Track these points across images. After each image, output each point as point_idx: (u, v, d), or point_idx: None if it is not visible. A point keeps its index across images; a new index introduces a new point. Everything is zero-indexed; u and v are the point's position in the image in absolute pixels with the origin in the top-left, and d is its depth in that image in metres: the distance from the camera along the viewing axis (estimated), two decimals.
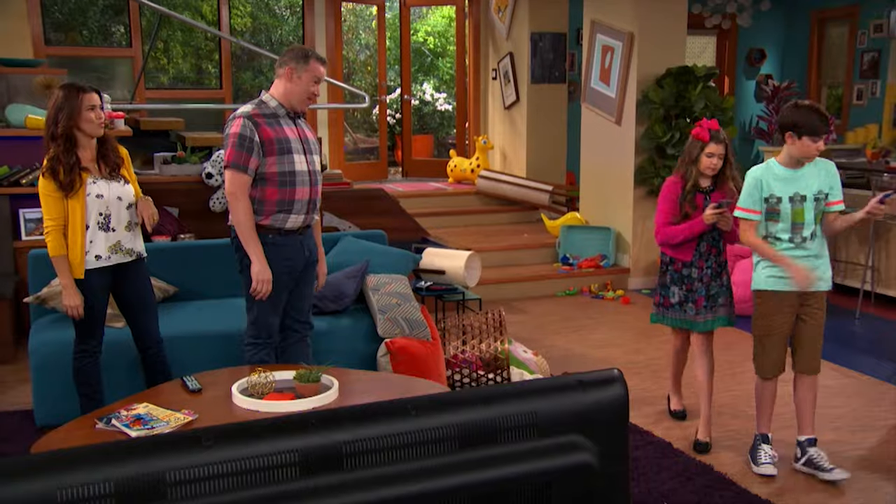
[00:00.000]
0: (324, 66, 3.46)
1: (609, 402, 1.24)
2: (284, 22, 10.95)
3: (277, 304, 3.53)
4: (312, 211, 3.54)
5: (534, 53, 8.45)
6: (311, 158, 3.50)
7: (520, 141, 8.67)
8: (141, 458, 1.06)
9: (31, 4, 7.59)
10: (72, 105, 3.33)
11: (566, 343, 5.31)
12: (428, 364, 3.92)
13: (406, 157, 9.83)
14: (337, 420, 1.16)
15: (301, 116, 3.54)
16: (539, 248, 7.12)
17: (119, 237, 3.47)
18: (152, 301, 3.69)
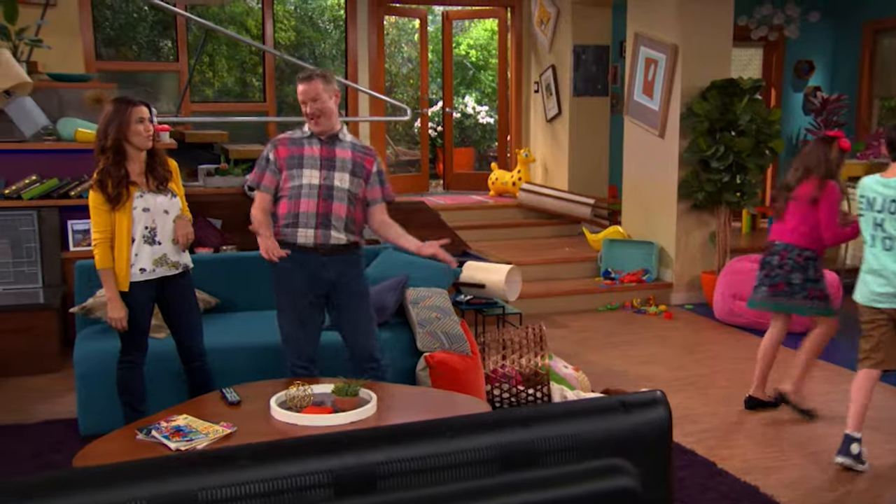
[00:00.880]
0: (303, 84, 3.47)
1: (652, 424, 1.20)
2: (328, 36, 11.06)
3: (303, 320, 3.56)
4: (326, 227, 3.48)
5: (576, 66, 8.41)
6: (329, 174, 3.48)
7: (562, 154, 8.62)
8: (175, 476, 1.05)
9: (83, 21, 7.77)
10: (121, 118, 3.38)
11: (607, 359, 5.23)
12: (467, 378, 3.88)
13: (447, 169, 9.83)
14: (371, 440, 1.14)
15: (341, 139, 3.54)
16: (580, 262, 7.05)
17: (165, 250, 3.49)
18: (197, 314, 3.71)
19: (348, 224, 3.51)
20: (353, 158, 3.53)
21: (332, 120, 3.51)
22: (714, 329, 5.99)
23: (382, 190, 3.62)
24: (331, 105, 3.49)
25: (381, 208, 3.64)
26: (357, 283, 3.60)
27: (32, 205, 5.17)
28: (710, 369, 5.03)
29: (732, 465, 3.63)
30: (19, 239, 5.21)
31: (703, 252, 6.75)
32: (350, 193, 3.50)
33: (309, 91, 3.46)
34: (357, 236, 3.59)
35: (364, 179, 3.55)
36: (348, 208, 3.50)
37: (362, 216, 3.61)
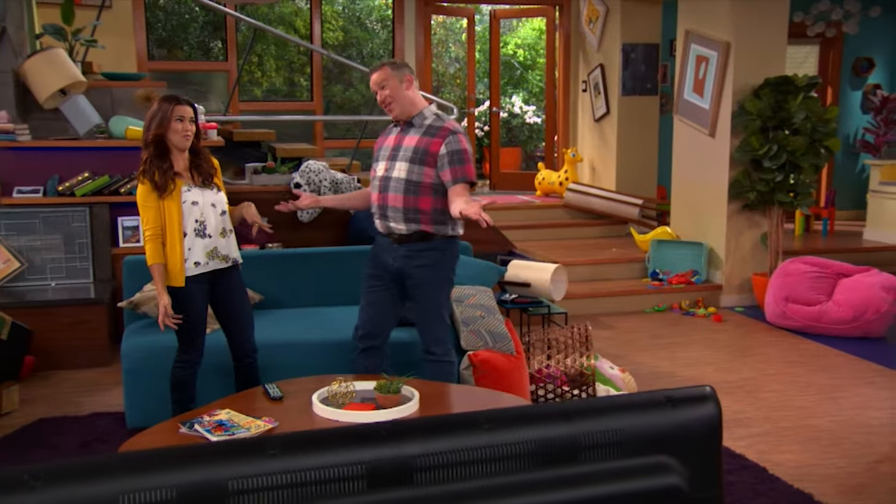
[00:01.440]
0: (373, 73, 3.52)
1: (700, 421, 1.14)
2: (375, 36, 11.09)
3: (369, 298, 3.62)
4: (385, 218, 3.49)
5: (625, 65, 8.29)
6: (391, 165, 3.47)
7: (609, 154, 8.51)
8: (206, 464, 1.02)
9: (136, 23, 7.92)
10: (163, 114, 3.41)
11: (655, 360, 5.13)
12: (511, 378, 3.83)
13: (494, 169, 9.78)
14: (408, 432, 1.11)
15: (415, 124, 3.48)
16: (628, 263, 6.94)
17: (215, 243, 3.50)
18: (249, 309, 3.71)
19: (409, 214, 3.45)
20: (418, 145, 3.43)
21: (404, 105, 3.47)
22: (765, 332, 5.84)
23: (451, 171, 3.39)
24: (402, 91, 3.45)
25: (455, 191, 3.39)
26: (421, 273, 3.50)
27: (85, 201, 5.26)
28: (761, 373, 4.90)
29: (785, 470, 3.52)
30: (72, 235, 5.31)
31: (754, 253, 6.60)
32: (408, 183, 3.42)
33: (377, 79, 3.47)
34: (427, 226, 3.45)
35: (431, 165, 3.41)
36: (406, 198, 3.43)
37: (437, 203, 3.44)
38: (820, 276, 5.78)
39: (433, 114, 3.51)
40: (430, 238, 3.48)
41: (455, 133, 3.42)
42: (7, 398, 4.18)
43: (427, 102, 3.55)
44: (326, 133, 9.24)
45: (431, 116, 3.50)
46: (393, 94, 3.45)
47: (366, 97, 10.36)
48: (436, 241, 3.49)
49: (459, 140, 3.42)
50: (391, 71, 3.47)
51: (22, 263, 5.21)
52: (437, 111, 3.54)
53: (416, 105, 3.50)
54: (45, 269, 5.30)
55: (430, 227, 3.47)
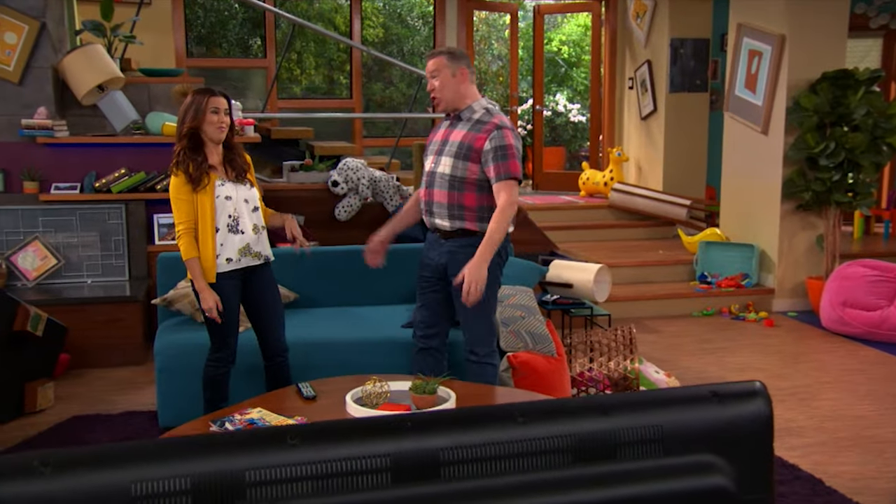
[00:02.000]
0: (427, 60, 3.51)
1: (749, 417, 1.08)
2: (416, 32, 11.10)
3: (421, 294, 3.62)
4: (430, 213, 3.49)
5: (673, 61, 8.17)
6: (438, 160, 3.46)
7: (656, 153, 8.39)
8: (221, 454, 1.00)
9: (175, 20, 8.02)
10: (198, 106, 3.42)
11: (702, 365, 5.03)
12: (552, 381, 3.78)
13: (537, 169, 9.71)
14: (436, 424, 1.07)
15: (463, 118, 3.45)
16: (675, 266, 6.83)
17: (248, 240, 3.50)
18: (280, 308, 3.71)
19: (453, 210, 3.42)
20: (463, 140, 3.40)
21: (451, 99, 3.43)
22: (820, 338, 5.69)
23: (495, 168, 3.34)
24: (452, 83, 3.41)
25: (498, 188, 3.35)
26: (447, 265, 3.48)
27: (121, 198, 5.33)
28: (816, 380, 4.77)
29: (841, 483, 3.41)
30: (108, 232, 5.38)
31: (808, 256, 6.44)
32: (453, 178, 3.39)
33: (430, 67, 3.45)
34: (471, 223, 3.42)
35: (475, 160, 3.37)
36: (450, 194, 3.41)
37: (482, 200, 3.41)
38: (881, 280, 5.61)
39: (483, 108, 3.45)
40: (474, 235, 3.44)
41: (501, 128, 3.36)
42: (42, 395, 4.23)
43: (480, 96, 3.49)
44: (365, 132, 9.27)
45: (481, 111, 3.44)
46: (441, 86, 3.41)
47: (406, 95, 10.37)
48: (480, 238, 3.41)
49: (505, 135, 3.36)
50: (446, 61, 3.42)
51: (59, 260, 5.29)
52: (488, 105, 3.47)
53: (465, 99, 3.44)
54: (82, 266, 5.37)
55: (475, 223, 3.43)
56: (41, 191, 5.27)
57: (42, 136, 5.18)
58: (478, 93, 3.50)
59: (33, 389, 4.19)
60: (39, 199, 5.25)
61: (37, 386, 4.21)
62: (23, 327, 4.09)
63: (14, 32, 5.26)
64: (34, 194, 5.25)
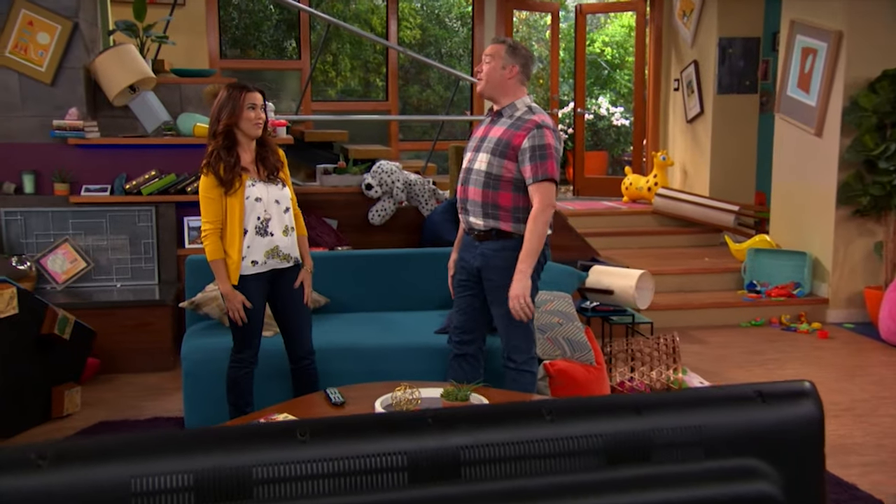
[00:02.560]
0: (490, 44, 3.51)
1: (798, 420, 1.02)
2: (454, 34, 11.10)
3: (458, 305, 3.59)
4: (465, 212, 3.47)
5: (721, 61, 8.05)
6: (475, 157, 3.44)
7: (703, 157, 8.26)
8: (227, 449, 0.96)
9: (209, 21, 8.11)
10: (234, 102, 3.40)
11: (750, 377, 4.91)
12: (590, 390, 3.71)
13: (578, 174, 9.63)
14: (457, 420, 1.02)
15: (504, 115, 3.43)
16: (722, 274, 6.71)
17: (277, 241, 3.48)
18: (307, 310, 3.70)
19: (487, 209, 3.38)
20: (502, 136, 3.36)
21: (491, 87, 3.41)
22: (879, 351, 5.53)
23: (532, 168, 3.29)
24: (499, 74, 3.38)
25: (534, 190, 3.31)
26: (498, 275, 3.41)
27: (151, 200, 5.37)
28: (874, 395, 4.63)
29: None
30: (137, 235, 5.43)
31: (866, 264, 6.27)
32: (487, 175, 3.36)
33: (488, 50, 3.45)
34: (506, 223, 3.38)
35: (512, 158, 3.33)
36: (484, 192, 3.37)
37: (518, 200, 3.37)
38: None
39: (526, 106, 3.42)
40: (509, 237, 3.40)
41: (542, 127, 3.32)
42: (69, 400, 4.27)
43: (524, 95, 3.46)
44: (401, 135, 9.27)
45: (523, 108, 3.41)
46: (488, 72, 3.41)
47: (443, 98, 10.36)
48: (515, 241, 3.38)
49: (545, 134, 3.31)
50: (504, 52, 3.41)
51: (88, 263, 5.35)
52: (531, 104, 3.44)
53: (506, 94, 3.42)
54: (111, 269, 5.42)
55: (509, 224, 3.39)
56: (71, 193, 5.34)
57: (73, 137, 5.25)
58: (524, 93, 3.47)
59: (60, 394, 4.23)
60: (70, 200, 5.31)
61: (64, 390, 4.24)
62: (50, 330, 4.13)
63: (47, 33, 5.34)
64: (65, 196, 5.32)
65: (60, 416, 4.23)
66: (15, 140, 5.34)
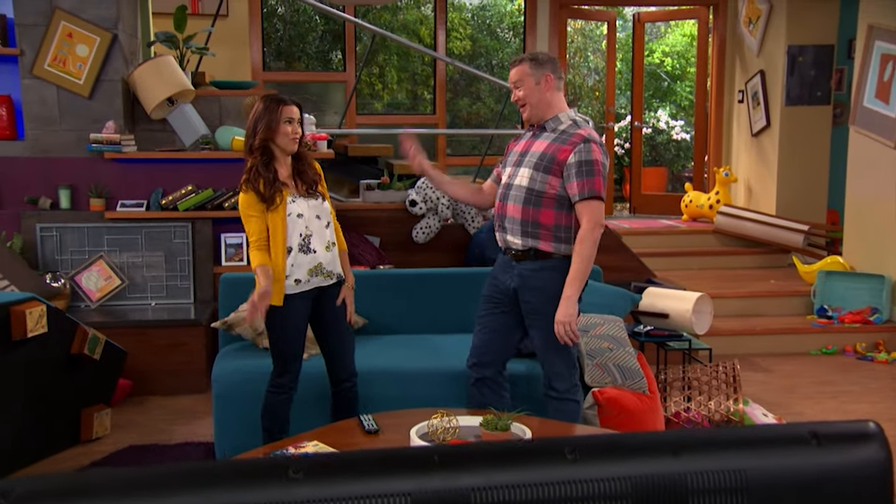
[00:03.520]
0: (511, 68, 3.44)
1: (859, 467, 0.93)
2: (506, 45, 11.07)
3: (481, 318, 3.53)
4: (503, 229, 3.41)
5: (790, 70, 7.86)
6: (515, 172, 3.39)
7: (769, 173, 8.07)
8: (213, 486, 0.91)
9: (252, 33, 8.21)
10: (270, 116, 3.39)
11: (820, 411, 4.73)
12: (643, 421, 3.60)
13: (635, 191, 9.49)
14: (468, 459, 0.95)
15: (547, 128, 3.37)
16: (789, 297, 6.53)
17: (319, 258, 3.46)
18: (350, 329, 3.67)
19: (526, 227, 3.34)
20: (546, 151, 3.31)
21: (538, 108, 3.36)
22: None
23: (578, 184, 3.24)
24: (538, 92, 3.34)
25: (581, 208, 3.27)
26: (537, 297, 3.35)
27: (187, 216, 5.41)
28: None
29: None
30: (173, 252, 5.47)
31: None
32: (529, 192, 3.31)
33: (514, 77, 3.40)
34: (546, 243, 3.33)
35: (556, 174, 3.27)
36: (524, 209, 3.32)
37: (561, 219, 3.33)
38: None
39: (570, 119, 3.37)
40: (549, 257, 3.34)
41: (588, 141, 3.27)
42: (98, 423, 4.29)
43: (567, 107, 3.42)
44: (449, 150, 9.25)
45: (567, 122, 3.36)
46: (527, 95, 3.36)
47: (494, 111, 10.33)
48: (555, 261, 3.33)
49: (592, 150, 3.26)
50: (530, 68, 3.35)
51: (123, 281, 5.40)
52: (576, 116, 3.39)
53: (552, 108, 3.37)
54: (146, 287, 5.47)
55: (550, 244, 3.33)
56: (107, 208, 5.40)
57: (110, 150, 5.31)
58: (565, 103, 3.44)
59: (90, 416, 4.25)
60: (105, 216, 5.37)
61: (93, 412, 4.26)
62: (80, 350, 4.15)
63: (86, 44, 5.44)
64: (100, 212, 5.38)
65: (89, 439, 4.25)
66: (51, 154, 5.44)
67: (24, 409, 3.90)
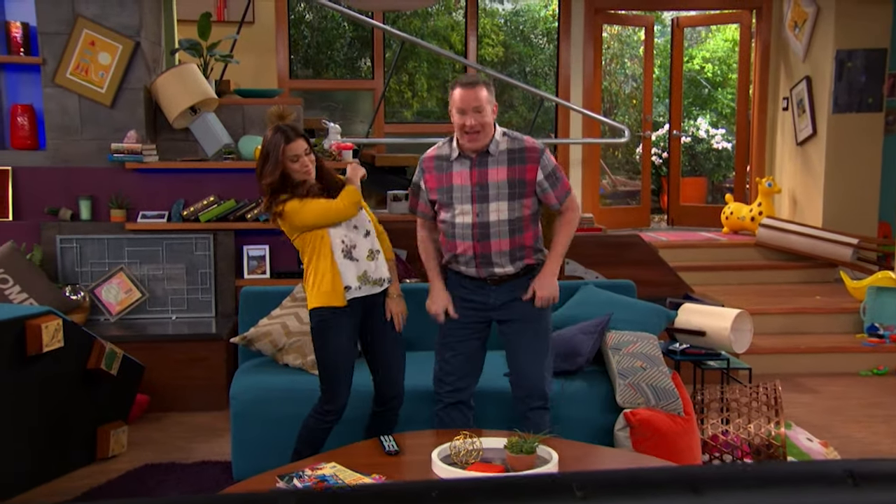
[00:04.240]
0: (466, 89, 3.29)
1: None
2: (540, 51, 11.03)
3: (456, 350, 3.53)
4: (488, 265, 3.42)
5: (839, 76, 7.73)
6: (482, 208, 3.36)
7: (815, 183, 7.93)
8: None
9: (279, 40, 8.24)
10: (276, 158, 3.41)
11: (870, 435, 4.61)
12: (678, 444, 3.52)
13: (672, 202, 9.38)
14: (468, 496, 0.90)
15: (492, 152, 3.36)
16: (836, 314, 6.39)
17: (364, 267, 3.48)
18: (401, 343, 3.65)
19: (515, 254, 3.42)
20: (511, 177, 3.36)
21: (490, 136, 3.37)
22: None
23: (556, 194, 3.43)
24: (491, 120, 3.36)
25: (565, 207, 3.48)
26: (529, 309, 3.44)
27: (209, 227, 5.42)
28: None
29: None
30: (194, 264, 5.48)
31: None
32: (512, 223, 3.39)
33: (471, 99, 3.29)
34: (533, 257, 3.47)
35: (529, 195, 3.39)
36: (512, 240, 3.40)
37: (537, 231, 3.50)
38: None
39: (501, 134, 3.41)
40: (533, 270, 3.47)
41: (542, 151, 3.42)
42: (115, 440, 4.28)
43: None
44: None
45: (503, 139, 3.40)
46: (484, 122, 3.32)
47: (527, 120, 10.28)
48: (537, 268, 3.48)
49: (549, 157, 3.44)
50: (488, 94, 3.33)
51: (143, 294, 5.41)
52: (503, 129, 3.44)
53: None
54: (167, 300, 5.48)
55: (532, 257, 3.47)
56: (128, 219, 5.43)
57: (131, 161, 5.34)
58: None
59: (106, 433, 4.25)
60: (126, 227, 5.40)
61: (109, 430, 4.26)
62: (97, 365, 4.15)
63: (108, 52, 5.47)
64: (121, 223, 5.41)
65: (105, 457, 4.24)
66: (72, 164, 5.47)
67: (38, 425, 3.90)
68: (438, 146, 3.50)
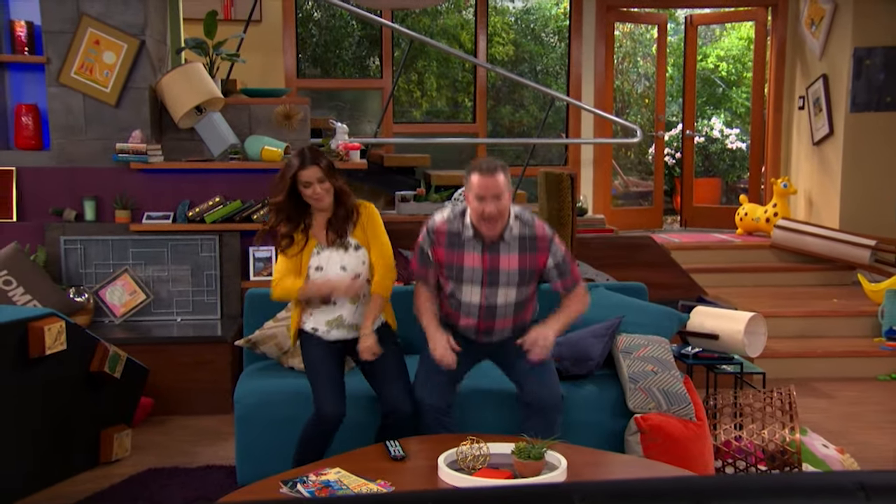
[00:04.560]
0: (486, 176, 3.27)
1: None
2: (551, 50, 11.00)
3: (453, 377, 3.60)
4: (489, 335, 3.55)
5: (857, 74, 7.68)
6: (491, 292, 3.41)
7: (832, 184, 7.89)
8: None
9: (286, 39, 8.25)
10: (287, 180, 3.43)
11: (889, 442, 4.57)
12: (690, 450, 3.51)
13: (686, 203, 9.35)
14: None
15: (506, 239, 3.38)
16: (853, 318, 6.36)
17: (340, 311, 3.52)
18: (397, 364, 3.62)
19: (517, 326, 3.56)
20: (522, 267, 3.40)
21: (505, 222, 3.37)
22: None
23: (563, 283, 3.50)
24: (509, 204, 3.36)
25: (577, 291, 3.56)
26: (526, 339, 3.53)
27: (214, 228, 5.41)
28: None
29: None
30: (200, 265, 5.48)
31: None
32: (518, 305, 3.49)
33: (491, 186, 3.27)
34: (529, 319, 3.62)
35: (536, 279, 3.50)
36: (515, 317, 3.53)
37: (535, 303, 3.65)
38: None
39: (514, 217, 3.41)
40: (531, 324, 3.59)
41: (552, 240, 3.45)
42: (118, 444, 4.28)
43: None
44: None
45: (515, 223, 3.40)
46: (504, 209, 3.32)
47: (537, 120, 10.26)
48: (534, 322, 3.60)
49: (559, 246, 3.47)
50: (505, 178, 3.32)
51: (148, 296, 5.42)
52: (515, 211, 3.43)
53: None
54: (172, 302, 5.48)
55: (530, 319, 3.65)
56: (133, 220, 5.43)
57: (135, 161, 5.34)
58: None
59: (109, 437, 4.25)
60: (130, 228, 5.40)
61: (113, 433, 4.26)
62: (100, 368, 4.15)
63: (112, 51, 5.48)
64: (125, 224, 5.41)
65: (109, 461, 4.25)
66: (77, 164, 5.48)
67: (41, 428, 3.91)
68: (448, 218, 3.46)
